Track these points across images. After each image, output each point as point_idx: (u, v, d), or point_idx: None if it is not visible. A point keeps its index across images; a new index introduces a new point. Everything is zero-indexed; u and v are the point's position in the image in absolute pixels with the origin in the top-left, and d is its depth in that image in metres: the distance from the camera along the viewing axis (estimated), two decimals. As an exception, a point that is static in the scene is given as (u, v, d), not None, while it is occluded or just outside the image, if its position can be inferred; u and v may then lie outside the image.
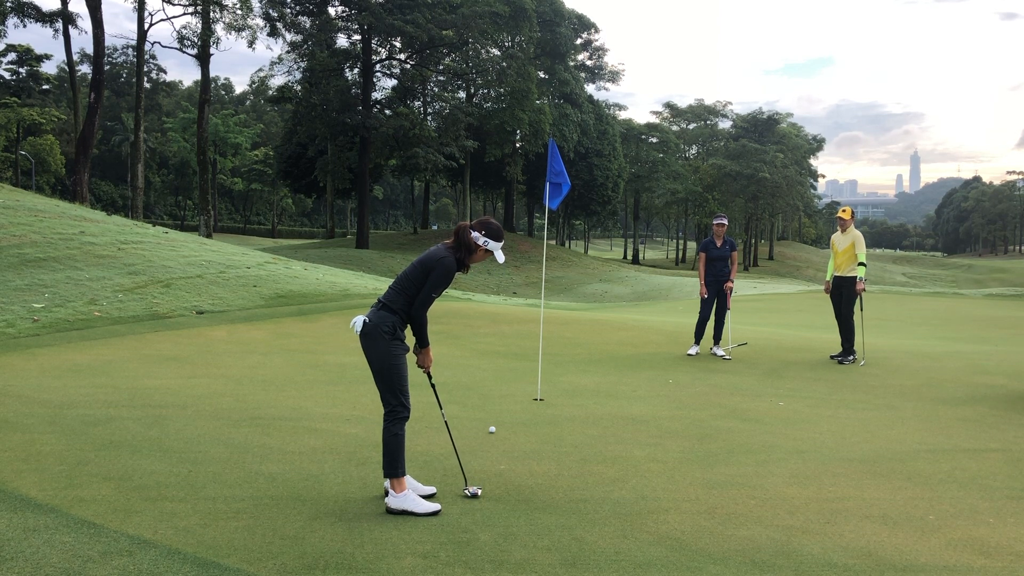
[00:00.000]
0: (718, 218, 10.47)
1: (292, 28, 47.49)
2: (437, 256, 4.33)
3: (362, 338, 4.29)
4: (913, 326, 15.42)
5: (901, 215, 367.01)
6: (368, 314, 4.33)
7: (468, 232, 4.38)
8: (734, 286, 10.31)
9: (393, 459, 4.25)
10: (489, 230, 4.42)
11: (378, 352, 4.24)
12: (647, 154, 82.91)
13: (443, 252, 4.36)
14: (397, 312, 4.28)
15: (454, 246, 4.41)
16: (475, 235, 4.38)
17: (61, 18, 38.78)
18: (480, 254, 4.43)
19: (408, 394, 4.33)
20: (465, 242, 4.38)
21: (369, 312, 4.34)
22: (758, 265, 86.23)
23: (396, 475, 4.24)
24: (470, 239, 4.38)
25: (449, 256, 4.35)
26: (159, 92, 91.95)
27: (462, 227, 4.40)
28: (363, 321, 4.29)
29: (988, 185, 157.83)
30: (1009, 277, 79.09)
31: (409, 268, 4.38)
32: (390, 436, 4.26)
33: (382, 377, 4.27)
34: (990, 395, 7.96)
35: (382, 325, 4.25)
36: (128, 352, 8.85)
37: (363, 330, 4.27)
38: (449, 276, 4.31)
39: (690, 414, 6.89)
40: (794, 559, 3.77)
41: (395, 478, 4.24)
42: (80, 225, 15.97)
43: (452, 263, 4.34)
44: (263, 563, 3.53)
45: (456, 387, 7.74)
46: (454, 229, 4.44)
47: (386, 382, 4.27)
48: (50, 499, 4.20)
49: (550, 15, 56.85)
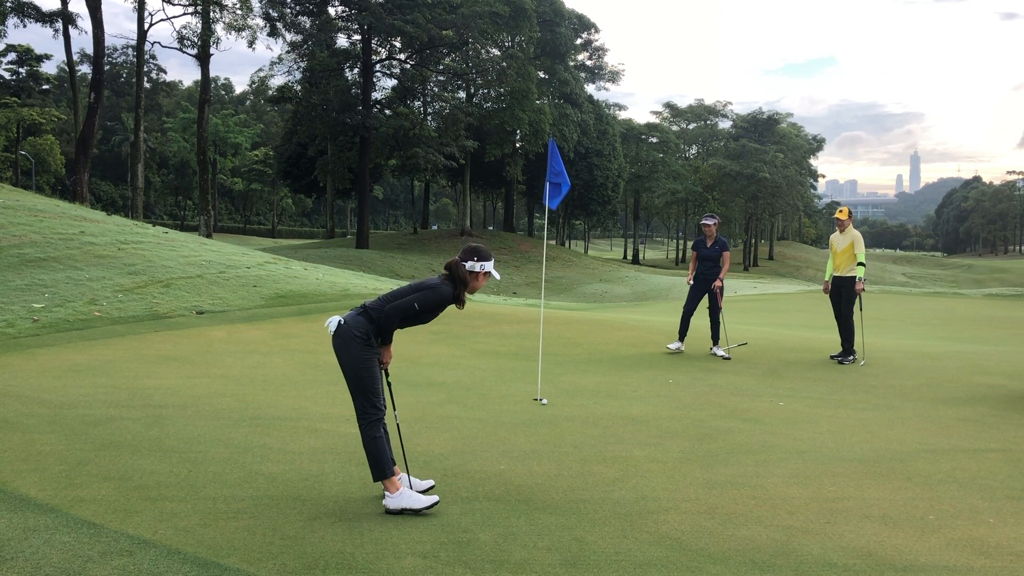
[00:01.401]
0: (707, 218, 10.35)
1: (292, 28, 47.50)
2: (433, 282, 4.33)
3: (334, 338, 4.25)
4: (913, 326, 15.42)
5: (901, 215, 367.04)
6: (346, 316, 4.30)
7: (460, 266, 4.34)
8: (723, 285, 10.19)
9: (377, 462, 4.22)
10: (480, 255, 4.38)
11: (349, 355, 4.21)
12: (647, 154, 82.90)
13: (439, 281, 4.35)
14: (376, 321, 4.25)
15: (450, 280, 4.37)
16: (469, 265, 4.34)
17: (61, 18, 38.77)
18: (481, 280, 4.41)
19: (380, 395, 4.29)
20: (461, 277, 4.34)
21: (348, 314, 4.31)
22: (758, 265, 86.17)
23: (385, 477, 4.22)
24: (465, 272, 4.34)
25: (446, 286, 4.33)
26: (159, 92, 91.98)
27: (453, 264, 4.35)
28: (338, 322, 4.25)
29: (988, 185, 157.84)
30: (1009, 277, 79.06)
31: (404, 287, 4.38)
32: (369, 440, 4.23)
33: (353, 380, 4.24)
34: (990, 395, 7.96)
35: (356, 329, 4.21)
36: (128, 352, 8.85)
37: (336, 330, 4.23)
38: (442, 302, 4.30)
39: (690, 414, 6.90)
40: (794, 559, 3.77)
41: (385, 480, 4.23)
42: (80, 225, 15.97)
43: (448, 293, 4.32)
44: (263, 563, 3.53)
45: (456, 387, 7.74)
46: (445, 267, 4.38)
47: (357, 385, 4.24)
48: (50, 499, 4.20)
49: (550, 15, 56.83)
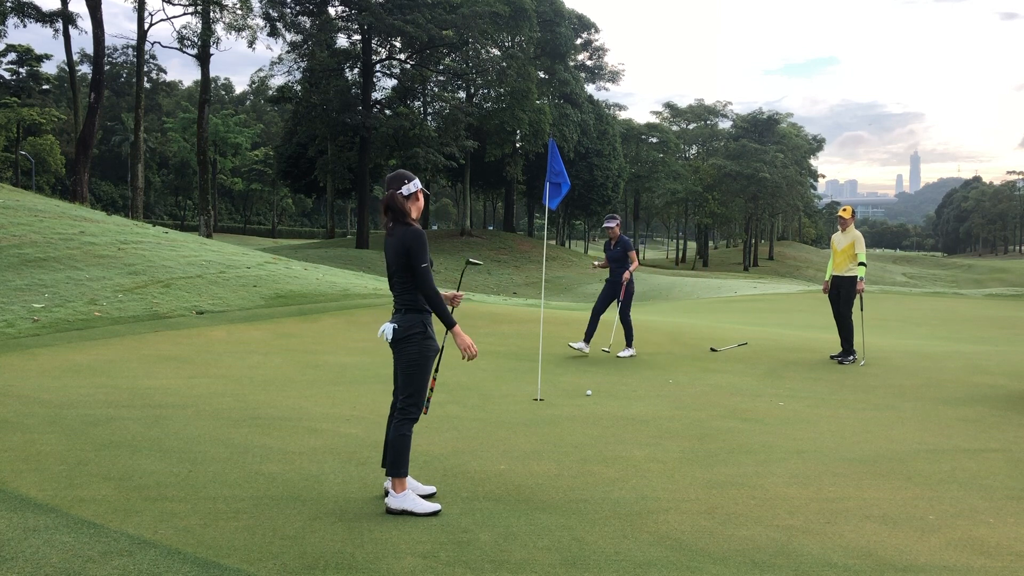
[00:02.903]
0: (608, 220, 10.23)
1: (292, 28, 47.48)
2: (401, 235, 4.26)
3: (395, 344, 4.28)
4: (913, 326, 15.42)
5: (901, 215, 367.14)
6: (394, 320, 4.31)
7: (395, 197, 4.29)
8: (631, 277, 10.18)
9: (400, 458, 4.26)
10: (405, 176, 4.33)
11: (411, 353, 4.26)
12: (647, 154, 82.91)
13: (400, 229, 4.28)
14: (421, 309, 4.29)
15: (395, 219, 4.33)
16: (402, 191, 4.29)
17: (61, 18, 38.76)
18: (420, 200, 4.37)
19: (425, 395, 4.36)
20: (399, 207, 4.29)
21: (394, 318, 4.32)
22: (758, 265, 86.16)
23: (400, 475, 4.26)
24: (402, 200, 4.30)
25: (408, 227, 4.29)
26: (159, 92, 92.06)
27: (388, 198, 4.31)
28: (392, 328, 4.27)
29: (988, 185, 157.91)
30: (1009, 277, 79.09)
31: (392, 265, 4.31)
32: (399, 436, 4.27)
33: (410, 377, 4.28)
34: (990, 395, 7.96)
35: (414, 327, 4.26)
36: (128, 352, 8.85)
37: (395, 336, 4.26)
38: (424, 241, 4.25)
39: (690, 414, 6.90)
40: (794, 559, 3.77)
41: (398, 478, 4.26)
42: (80, 225, 15.97)
43: (417, 229, 4.29)
44: (263, 563, 3.53)
45: (456, 387, 7.74)
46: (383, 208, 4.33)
47: (414, 382, 4.29)
48: (50, 499, 4.20)
49: (550, 15, 56.80)
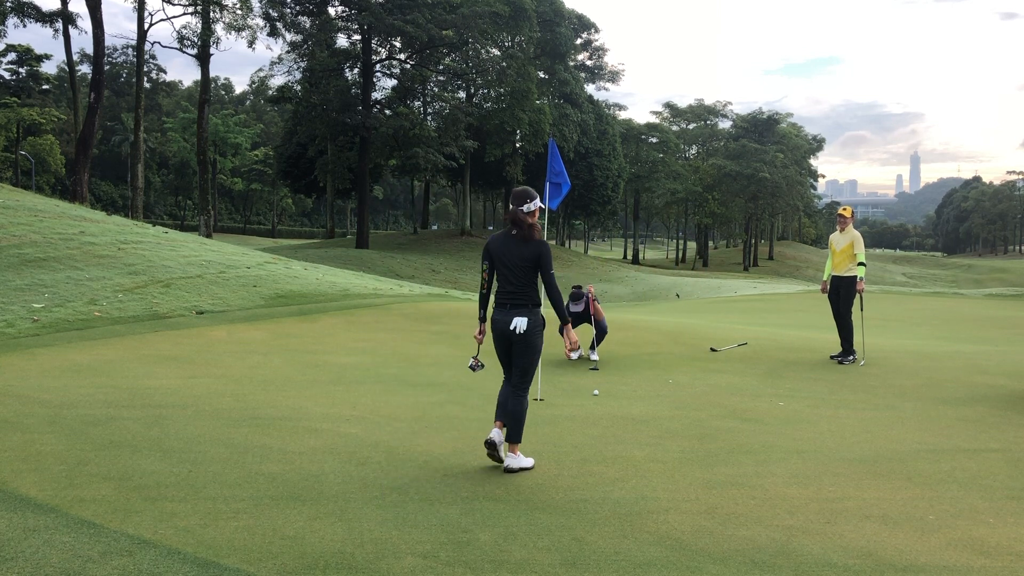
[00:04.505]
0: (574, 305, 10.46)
1: (292, 28, 47.43)
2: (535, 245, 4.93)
3: (524, 336, 4.94)
4: (913, 326, 15.42)
5: (901, 215, 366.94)
6: (521, 314, 4.95)
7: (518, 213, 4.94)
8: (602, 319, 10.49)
9: (520, 426, 5.00)
10: (528, 196, 5.00)
11: (534, 342, 5.00)
12: (647, 154, 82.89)
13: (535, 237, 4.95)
14: (538, 304, 5.02)
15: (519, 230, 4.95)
16: (528, 207, 4.96)
17: (61, 18, 38.76)
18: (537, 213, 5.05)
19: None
20: (522, 220, 4.94)
21: (521, 312, 4.95)
22: (758, 265, 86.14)
23: (518, 440, 5.01)
24: (524, 216, 4.94)
25: (540, 241, 4.98)
26: (159, 92, 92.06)
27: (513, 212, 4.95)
28: (525, 322, 4.93)
29: (988, 185, 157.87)
30: (1009, 277, 79.06)
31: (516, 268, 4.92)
32: (524, 407, 5.02)
33: (531, 360, 5.03)
34: (990, 395, 7.96)
35: (539, 323, 5.02)
36: (128, 352, 8.85)
37: (527, 330, 4.94)
38: (550, 252, 4.99)
39: (690, 414, 6.90)
40: (794, 559, 3.77)
41: (516, 443, 5.00)
42: (80, 225, 15.97)
43: (547, 243, 5.03)
44: (263, 563, 3.53)
45: (456, 387, 7.74)
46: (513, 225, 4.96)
47: (530, 365, 5.05)
48: (50, 499, 4.20)
49: (550, 15, 56.81)
